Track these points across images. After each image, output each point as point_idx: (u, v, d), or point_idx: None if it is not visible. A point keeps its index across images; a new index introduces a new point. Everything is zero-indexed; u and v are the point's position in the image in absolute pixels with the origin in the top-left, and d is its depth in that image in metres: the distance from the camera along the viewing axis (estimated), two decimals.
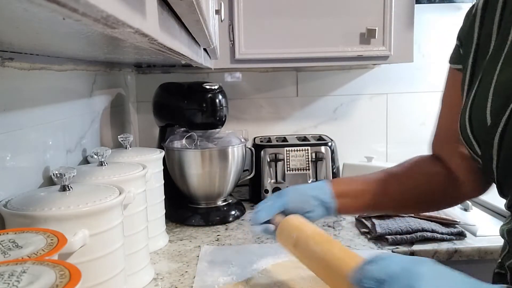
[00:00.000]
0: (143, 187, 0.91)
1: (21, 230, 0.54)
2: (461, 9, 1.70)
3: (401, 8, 1.37)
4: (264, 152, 1.44)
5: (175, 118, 1.33)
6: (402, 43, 1.38)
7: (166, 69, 1.65)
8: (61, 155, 0.94)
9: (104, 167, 0.89)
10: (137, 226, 0.90)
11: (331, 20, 1.34)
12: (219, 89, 1.29)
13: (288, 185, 1.41)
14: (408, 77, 1.73)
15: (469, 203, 1.30)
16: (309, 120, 1.72)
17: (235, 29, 1.33)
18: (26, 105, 0.81)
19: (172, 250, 1.09)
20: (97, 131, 1.19)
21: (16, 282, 0.38)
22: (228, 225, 1.26)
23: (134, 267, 0.88)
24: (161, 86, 1.39)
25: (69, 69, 1.01)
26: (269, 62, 1.39)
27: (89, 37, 0.48)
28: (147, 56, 0.91)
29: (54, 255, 0.48)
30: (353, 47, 1.35)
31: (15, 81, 0.77)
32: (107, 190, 0.73)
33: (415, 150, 1.75)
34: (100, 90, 1.23)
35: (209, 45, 0.84)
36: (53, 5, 0.18)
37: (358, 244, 1.09)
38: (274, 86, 1.70)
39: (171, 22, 0.45)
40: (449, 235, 1.10)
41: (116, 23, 0.24)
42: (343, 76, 1.71)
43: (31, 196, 0.69)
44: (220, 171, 1.27)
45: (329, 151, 1.44)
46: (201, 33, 0.64)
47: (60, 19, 0.27)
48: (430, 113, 1.76)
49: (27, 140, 0.80)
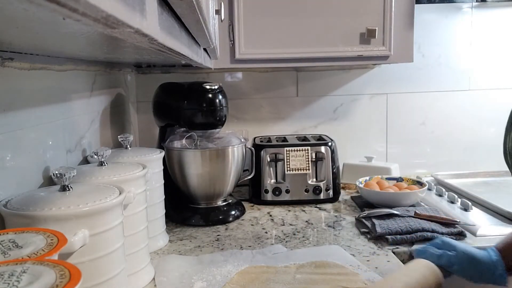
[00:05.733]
0: (143, 187, 0.91)
1: (21, 230, 0.54)
2: (461, 9, 1.70)
3: (401, 8, 1.37)
4: (264, 152, 1.44)
5: (175, 118, 1.33)
6: (402, 43, 1.38)
7: (166, 69, 1.65)
8: (61, 155, 0.94)
9: (104, 167, 0.89)
10: (137, 226, 0.90)
11: (331, 20, 1.34)
12: (219, 89, 1.29)
13: (288, 185, 1.41)
14: (408, 77, 1.73)
15: (469, 203, 1.30)
16: (309, 120, 1.72)
17: (235, 29, 1.33)
18: (26, 105, 0.81)
19: (172, 250, 1.09)
20: (97, 131, 1.19)
21: (16, 282, 0.38)
22: (228, 225, 1.26)
23: (134, 267, 0.88)
24: (161, 86, 1.39)
25: (69, 69, 1.01)
26: (269, 62, 1.39)
27: (89, 37, 0.48)
28: (147, 56, 0.91)
29: (54, 255, 0.48)
30: (353, 47, 1.35)
31: (15, 81, 0.77)
32: (107, 190, 0.73)
33: (415, 150, 1.77)
34: (100, 90, 1.23)
35: (209, 45, 0.84)
36: (53, 5, 0.18)
37: (358, 244, 1.09)
38: (274, 86, 1.70)
39: (171, 22, 0.45)
40: (449, 235, 1.09)
41: (116, 23, 0.24)
42: (343, 76, 1.71)
43: (31, 196, 0.69)
44: (220, 171, 1.27)
45: (329, 151, 1.44)
46: (201, 33, 0.64)
47: (60, 19, 0.27)
48: (430, 113, 1.77)
49: (27, 140, 0.80)
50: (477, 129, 1.77)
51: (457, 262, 0.86)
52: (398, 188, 1.37)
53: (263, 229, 1.22)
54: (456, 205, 1.34)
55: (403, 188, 1.37)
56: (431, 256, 0.88)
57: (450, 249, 0.88)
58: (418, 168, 1.78)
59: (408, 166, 1.74)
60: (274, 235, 1.17)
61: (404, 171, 1.64)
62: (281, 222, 1.27)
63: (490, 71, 1.75)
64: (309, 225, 1.24)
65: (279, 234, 1.17)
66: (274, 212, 1.35)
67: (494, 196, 1.34)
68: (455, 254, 0.87)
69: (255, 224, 1.26)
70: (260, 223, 1.26)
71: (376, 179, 1.46)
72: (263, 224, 1.26)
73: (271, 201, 1.43)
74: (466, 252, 0.87)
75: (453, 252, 0.88)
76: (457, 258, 0.86)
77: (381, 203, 1.31)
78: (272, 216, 1.32)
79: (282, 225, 1.24)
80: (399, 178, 1.46)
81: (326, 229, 1.21)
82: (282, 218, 1.30)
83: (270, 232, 1.19)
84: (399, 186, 1.39)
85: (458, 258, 0.86)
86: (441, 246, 0.91)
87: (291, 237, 1.15)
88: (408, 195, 1.31)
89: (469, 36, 1.72)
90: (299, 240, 1.12)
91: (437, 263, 0.86)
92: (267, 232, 1.19)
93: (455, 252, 0.87)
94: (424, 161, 1.78)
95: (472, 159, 1.77)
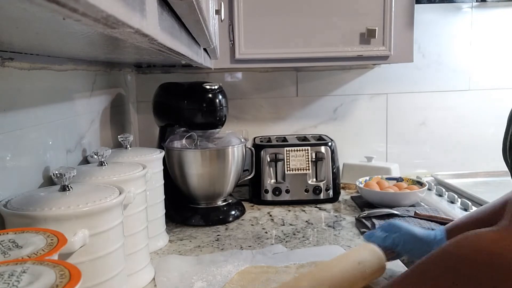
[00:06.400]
0: (143, 187, 0.91)
1: (21, 230, 0.54)
2: (461, 9, 1.70)
3: (401, 8, 1.37)
4: (264, 152, 1.44)
5: (175, 118, 1.33)
6: (402, 43, 1.38)
7: (166, 69, 1.65)
8: (61, 155, 0.94)
9: (104, 167, 0.89)
10: (137, 226, 0.90)
11: (331, 20, 1.34)
12: (219, 89, 1.29)
13: (288, 185, 1.41)
14: (408, 77, 1.73)
15: (469, 203, 1.30)
16: (309, 120, 1.72)
17: (235, 29, 1.33)
18: (26, 105, 0.81)
19: (172, 250, 1.09)
20: (97, 131, 1.19)
21: (16, 282, 0.38)
22: (228, 225, 1.26)
23: (134, 267, 0.88)
24: (161, 86, 1.39)
25: (69, 69, 1.01)
26: (269, 62, 1.39)
27: (89, 37, 0.48)
28: (147, 56, 0.91)
29: (54, 255, 0.48)
30: (353, 47, 1.35)
31: (15, 81, 0.77)
32: (107, 190, 0.73)
33: (415, 150, 1.77)
34: (100, 90, 1.23)
35: (209, 45, 0.84)
36: (53, 5, 0.18)
37: (358, 244, 1.09)
38: (274, 86, 1.70)
39: (171, 22, 0.45)
40: None
41: (116, 23, 0.24)
42: (343, 76, 1.71)
43: (31, 196, 0.69)
44: (220, 171, 1.27)
45: (329, 151, 1.44)
46: (201, 33, 0.64)
47: (60, 19, 0.27)
48: (430, 113, 1.77)
49: (27, 140, 0.80)
50: (477, 129, 1.77)
51: (401, 243, 0.89)
52: (398, 188, 1.37)
53: (263, 229, 1.22)
54: (456, 205, 1.34)
55: (403, 188, 1.37)
56: (377, 239, 0.91)
57: (395, 230, 0.91)
58: (418, 168, 1.78)
59: (408, 166, 1.74)
60: (274, 235, 1.17)
61: (404, 171, 1.64)
62: (281, 222, 1.27)
63: (490, 71, 1.75)
64: (309, 225, 1.24)
65: (279, 234, 1.17)
66: (274, 212, 1.35)
67: (494, 196, 1.33)
68: (398, 235, 0.90)
69: (255, 224, 1.26)
70: (260, 223, 1.26)
71: (376, 179, 1.46)
72: (263, 224, 1.26)
73: (271, 201, 1.43)
74: (409, 232, 0.90)
75: (397, 233, 0.90)
76: (400, 238, 0.89)
77: (381, 203, 1.31)
78: (272, 216, 1.32)
79: (282, 225, 1.25)
80: (399, 178, 1.46)
81: (326, 229, 1.21)
82: (282, 218, 1.30)
83: (270, 232, 1.19)
84: (399, 186, 1.39)
85: (401, 238, 0.89)
86: (386, 228, 0.93)
87: (291, 237, 1.15)
88: (408, 195, 1.31)
89: (469, 36, 1.72)
90: (299, 240, 1.12)
91: (383, 245, 0.88)
92: (267, 232, 1.19)
93: (398, 233, 0.90)
94: (424, 161, 1.78)
95: (472, 159, 1.77)
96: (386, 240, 0.90)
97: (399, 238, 0.89)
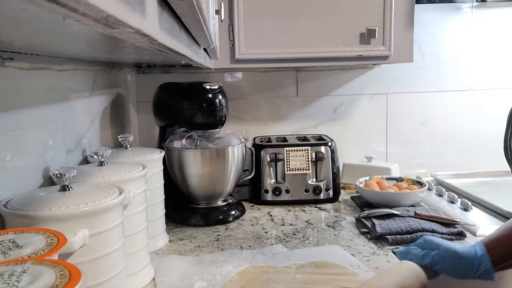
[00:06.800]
0: (143, 187, 0.91)
1: (21, 230, 0.54)
2: (461, 9, 1.70)
3: (401, 8, 1.37)
4: (264, 152, 1.44)
5: (175, 118, 1.33)
6: (402, 43, 1.38)
7: (166, 69, 1.65)
8: (61, 155, 0.94)
9: (104, 167, 0.89)
10: (137, 226, 0.90)
11: (331, 20, 1.34)
12: (219, 89, 1.29)
13: (288, 185, 1.41)
14: (408, 77, 1.73)
15: (469, 203, 1.30)
16: (309, 120, 1.72)
17: (235, 29, 1.33)
18: (26, 105, 0.81)
19: (172, 250, 1.09)
20: (97, 131, 1.19)
21: (16, 282, 0.38)
22: (228, 225, 1.26)
23: (134, 267, 0.88)
24: (161, 86, 1.39)
25: (69, 69, 1.01)
26: (269, 62, 1.39)
27: (89, 37, 0.48)
28: (147, 56, 0.91)
29: (54, 255, 0.48)
30: (353, 47, 1.35)
31: (15, 81, 0.77)
32: (107, 190, 0.73)
33: (415, 150, 1.77)
34: (100, 90, 1.23)
35: (209, 45, 0.84)
36: (53, 5, 0.18)
37: (358, 244, 1.09)
38: (274, 86, 1.70)
39: (171, 22, 0.45)
40: (449, 235, 1.10)
41: (116, 23, 0.24)
42: (343, 76, 1.71)
43: (31, 196, 0.69)
44: (220, 171, 1.27)
45: (329, 151, 1.44)
46: (201, 33, 0.64)
47: (60, 19, 0.27)
48: (430, 113, 1.77)
49: (27, 140, 0.80)
50: (477, 129, 1.77)
51: (441, 260, 0.84)
52: (398, 188, 1.37)
53: (263, 229, 1.22)
54: (456, 205, 1.34)
55: (403, 188, 1.37)
56: (415, 257, 0.87)
57: (433, 247, 0.87)
58: (418, 168, 1.77)
59: (408, 166, 1.73)
60: (274, 235, 1.17)
61: (404, 171, 1.64)
62: (281, 222, 1.27)
63: (490, 71, 1.75)
64: (309, 225, 1.24)
65: (279, 234, 1.17)
66: (274, 212, 1.35)
67: (494, 196, 1.34)
68: (438, 253, 0.85)
69: (255, 224, 1.26)
70: (260, 223, 1.26)
71: (376, 179, 1.46)
72: (263, 224, 1.26)
73: (271, 201, 1.43)
74: (449, 249, 0.85)
75: (436, 250, 0.86)
76: (440, 256, 0.85)
77: (381, 203, 1.31)
78: (272, 216, 1.32)
79: (282, 225, 1.25)
80: (399, 178, 1.46)
81: (326, 229, 1.21)
82: (282, 218, 1.30)
83: (270, 232, 1.19)
84: (399, 186, 1.39)
85: (441, 256, 0.85)
86: (423, 245, 0.89)
87: (291, 237, 1.15)
88: (408, 195, 1.31)
89: (469, 36, 1.72)
90: (299, 240, 1.12)
91: (421, 264, 0.84)
92: (267, 232, 1.19)
93: (438, 250, 0.85)
94: (424, 161, 1.78)
95: (472, 159, 1.77)
96: (424, 258, 0.86)
97: (439, 255, 0.85)
